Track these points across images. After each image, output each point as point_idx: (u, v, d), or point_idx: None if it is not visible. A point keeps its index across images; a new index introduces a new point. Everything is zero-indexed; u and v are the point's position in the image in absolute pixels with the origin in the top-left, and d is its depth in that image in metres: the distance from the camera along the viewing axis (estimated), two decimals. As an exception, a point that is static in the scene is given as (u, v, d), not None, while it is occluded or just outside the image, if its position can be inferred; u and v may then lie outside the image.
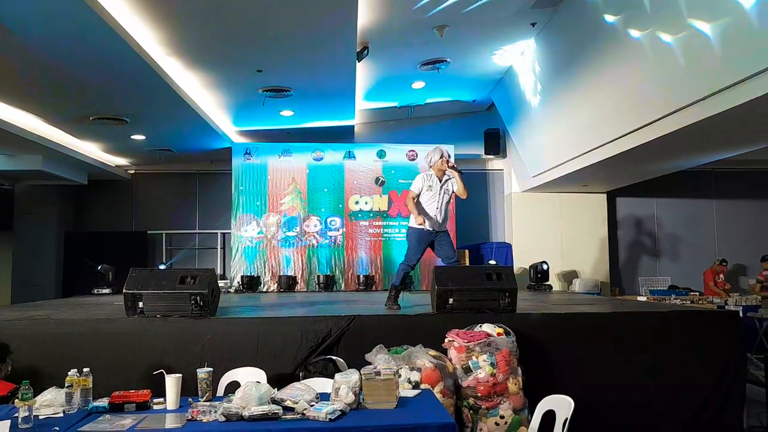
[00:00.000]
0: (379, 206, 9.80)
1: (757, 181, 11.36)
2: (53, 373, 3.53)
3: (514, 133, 10.06)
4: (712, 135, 6.18)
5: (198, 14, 5.52)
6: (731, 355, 4.31)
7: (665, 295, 9.43)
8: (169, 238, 11.12)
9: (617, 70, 6.41)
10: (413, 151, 9.94)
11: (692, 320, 4.46)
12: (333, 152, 9.85)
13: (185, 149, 10.05)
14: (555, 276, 10.23)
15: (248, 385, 2.78)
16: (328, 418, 2.58)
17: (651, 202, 11.40)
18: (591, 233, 10.55)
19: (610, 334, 4.35)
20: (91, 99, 7.12)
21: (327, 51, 6.55)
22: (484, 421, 3.63)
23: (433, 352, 3.77)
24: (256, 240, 9.59)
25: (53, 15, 4.81)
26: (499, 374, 3.66)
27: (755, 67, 4.58)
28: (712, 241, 11.38)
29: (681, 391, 4.23)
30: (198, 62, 6.71)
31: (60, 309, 5.42)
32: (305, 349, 4.03)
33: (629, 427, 4.17)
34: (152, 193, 11.23)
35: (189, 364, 3.62)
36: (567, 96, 7.70)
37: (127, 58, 5.80)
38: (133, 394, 2.92)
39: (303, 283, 9.52)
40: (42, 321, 4.24)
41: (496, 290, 4.48)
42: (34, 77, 6.30)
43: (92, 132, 8.62)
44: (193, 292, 4.24)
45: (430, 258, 9.55)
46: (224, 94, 7.99)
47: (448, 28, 6.82)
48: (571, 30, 6.89)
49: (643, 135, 6.46)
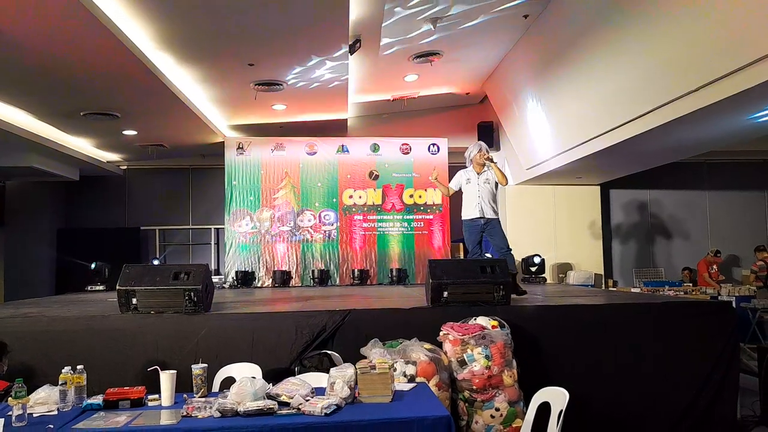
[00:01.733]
0: (373, 200, 9.79)
1: (750, 173, 11.43)
2: (47, 371, 3.51)
3: (508, 126, 10.06)
4: (704, 126, 6.21)
5: (189, 8, 5.48)
6: (724, 345, 4.33)
7: (659, 286, 9.48)
8: (163, 234, 11.09)
9: (609, 62, 6.42)
10: (407, 145, 9.93)
11: (686, 311, 4.48)
12: (326, 146, 9.82)
13: (177, 144, 9.99)
14: (549, 268, 10.26)
15: (243, 381, 2.77)
16: (323, 412, 2.58)
17: (644, 193, 11.45)
18: (585, 225, 10.58)
19: (604, 326, 4.36)
20: (81, 94, 7.05)
21: (319, 44, 6.51)
22: (479, 413, 3.64)
23: (428, 346, 3.77)
24: (250, 235, 9.56)
25: (42, 9, 4.76)
26: (494, 367, 3.67)
27: (745, 59, 4.59)
28: (705, 232, 11.44)
29: (675, 381, 4.26)
30: (189, 56, 6.66)
31: (53, 306, 5.39)
32: (300, 343, 4.02)
33: (624, 417, 4.20)
34: (145, 189, 11.18)
35: (183, 360, 3.61)
36: (560, 88, 7.71)
37: (118, 53, 5.75)
38: (128, 390, 2.91)
39: (297, 278, 9.51)
40: (35, 318, 4.21)
41: (490, 283, 4.48)
42: (23, 72, 6.23)
43: (83, 127, 8.56)
44: (186, 288, 4.22)
45: (423, 252, 9.63)
46: (216, 89, 7.94)
47: (440, 21, 6.80)
48: (564, 22, 6.89)
49: (636, 126, 6.48)
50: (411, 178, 9.88)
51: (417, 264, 9.57)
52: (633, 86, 6.22)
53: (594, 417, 4.05)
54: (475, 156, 5.94)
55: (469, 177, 5.98)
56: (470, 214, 5.92)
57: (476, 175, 5.94)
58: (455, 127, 10.67)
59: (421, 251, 9.67)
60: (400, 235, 9.75)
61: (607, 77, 6.59)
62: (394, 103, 10.17)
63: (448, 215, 9.82)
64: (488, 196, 5.91)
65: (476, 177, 5.93)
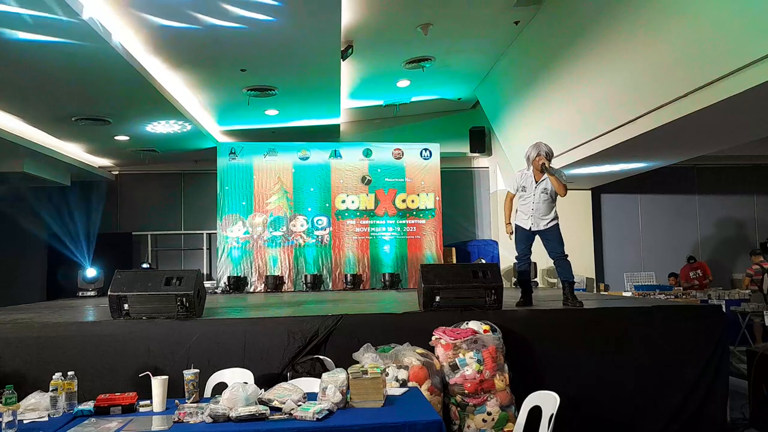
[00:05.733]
0: (365, 205, 9.81)
1: (739, 177, 11.53)
2: (38, 377, 3.50)
3: (499, 131, 10.10)
4: (698, 130, 6.26)
5: (181, 13, 5.49)
6: (714, 348, 4.37)
7: (650, 290, 9.53)
8: (155, 239, 11.05)
9: (600, 67, 6.47)
10: (399, 150, 9.96)
11: (676, 315, 4.51)
12: (319, 151, 9.83)
13: (169, 149, 9.97)
14: (541, 273, 10.29)
15: (235, 386, 2.77)
16: (315, 417, 2.58)
17: (635, 198, 11.52)
18: (576, 230, 10.59)
19: (595, 330, 4.39)
20: (72, 99, 7.04)
21: (311, 50, 6.53)
22: (471, 418, 3.65)
23: (420, 350, 3.77)
24: (243, 240, 9.55)
25: (33, 15, 4.75)
26: (486, 371, 3.68)
27: (742, 61, 4.64)
28: (695, 236, 11.52)
29: (665, 384, 4.29)
30: (181, 62, 6.67)
31: (44, 312, 5.36)
32: (292, 349, 4.02)
33: (615, 421, 4.22)
34: (137, 194, 11.14)
35: (175, 366, 3.60)
36: (551, 93, 7.76)
37: (109, 58, 5.75)
38: (119, 396, 2.90)
39: (290, 283, 9.50)
40: (26, 324, 4.19)
41: (482, 287, 4.50)
42: (13, 77, 6.22)
43: (75, 133, 8.53)
44: (178, 293, 4.21)
45: (416, 256, 9.64)
46: (208, 94, 7.94)
47: (432, 27, 6.84)
48: (554, 28, 6.94)
49: (628, 131, 6.53)
50: (403, 182, 9.90)
51: (410, 268, 9.59)
52: (624, 91, 6.28)
53: (585, 420, 4.08)
54: (534, 159, 5.12)
55: (525, 185, 5.17)
56: (523, 223, 5.18)
57: (533, 183, 5.13)
58: (447, 132, 10.72)
59: (414, 256, 9.69)
60: (393, 239, 9.77)
61: (597, 82, 6.64)
62: (386, 109, 10.20)
63: (440, 220, 9.85)
64: (544, 209, 5.14)
65: (533, 186, 5.13)
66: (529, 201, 5.15)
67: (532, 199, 5.13)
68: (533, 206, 5.12)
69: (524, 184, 5.19)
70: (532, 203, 5.13)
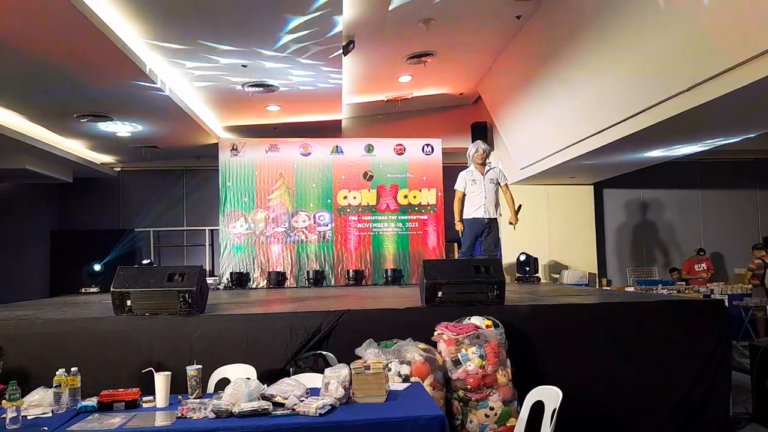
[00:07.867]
0: (367, 201, 9.80)
1: (742, 171, 11.49)
2: (41, 373, 3.49)
3: (501, 126, 10.08)
4: (698, 124, 6.24)
5: (182, 7, 5.48)
6: (717, 343, 4.36)
7: (652, 285, 9.53)
8: (157, 236, 11.06)
9: (602, 61, 6.44)
10: (401, 146, 9.94)
11: (679, 310, 4.51)
12: (321, 147, 9.82)
13: (171, 146, 9.97)
14: (543, 267, 10.29)
15: (238, 382, 2.78)
16: (318, 412, 2.59)
17: (638, 192, 11.50)
18: (579, 225, 10.61)
19: (598, 325, 4.38)
20: (74, 96, 7.04)
21: (313, 45, 6.52)
22: (473, 413, 3.65)
23: (423, 346, 3.78)
24: (245, 236, 9.55)
25: (32, 9, 4.75)
26: (489, 366, 3.68)
27: (739, 58, 4.62)
28: (698, 230, 11.50)
29: (667, 379, 4.28)
30: (183, 57, 6.66)
31: (47, 308, 5.37)
32: (295, 344, 4.02)
33: (617, 416, 4.22)
34: (139, 191, 11.16)
35: (178, 362, 3.60)
36: (553, 88, 7.73)
37: (110, 54, 5.74)
38: (122, 392, 2.91)
39: (292, 279, 9.50)
40: (29, 321, 4.20)
41: (484, 283, 4.49)
42: (14, 73, 6.21)
43: (76, 130, 8.54)
44: (181, 289, 4.21)
45: (418, 252, 9.64)
46: (210, 90, 7.93)
47: (433, 22, 6.81)
48: (556, 22, 6.91)
49: (629, 126, 6.51)
50: (405, 178, 9.89)
51: (412, 264, 9.58)
52: (626, 86, 6.25)
53: (587, 415, 4.07)
54: (474, 155, 6.10)
55: (474, 179, 6.06)
56: (474, 213, 5.99)
57: (481, 175, 6.04)
58: (449, 127, 10.69)
59: (416, 251, 9.68)
60: (395, 235, 9.76)
61: (600, 76, 6.62)
62: (388, 104, 10.18)
63: (442, 215, 9.84)
64: (492, 196, 5.99)
65: (481, 177, 6.03)
66: (480, 192, 6.00)
67: (483, 188, 6.01)
68: (485, 194, 6.00)
69: (473, 179, 6.09)
70: (484, 192, 6.00)
